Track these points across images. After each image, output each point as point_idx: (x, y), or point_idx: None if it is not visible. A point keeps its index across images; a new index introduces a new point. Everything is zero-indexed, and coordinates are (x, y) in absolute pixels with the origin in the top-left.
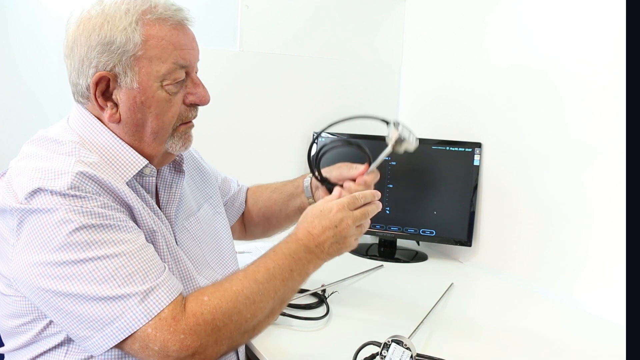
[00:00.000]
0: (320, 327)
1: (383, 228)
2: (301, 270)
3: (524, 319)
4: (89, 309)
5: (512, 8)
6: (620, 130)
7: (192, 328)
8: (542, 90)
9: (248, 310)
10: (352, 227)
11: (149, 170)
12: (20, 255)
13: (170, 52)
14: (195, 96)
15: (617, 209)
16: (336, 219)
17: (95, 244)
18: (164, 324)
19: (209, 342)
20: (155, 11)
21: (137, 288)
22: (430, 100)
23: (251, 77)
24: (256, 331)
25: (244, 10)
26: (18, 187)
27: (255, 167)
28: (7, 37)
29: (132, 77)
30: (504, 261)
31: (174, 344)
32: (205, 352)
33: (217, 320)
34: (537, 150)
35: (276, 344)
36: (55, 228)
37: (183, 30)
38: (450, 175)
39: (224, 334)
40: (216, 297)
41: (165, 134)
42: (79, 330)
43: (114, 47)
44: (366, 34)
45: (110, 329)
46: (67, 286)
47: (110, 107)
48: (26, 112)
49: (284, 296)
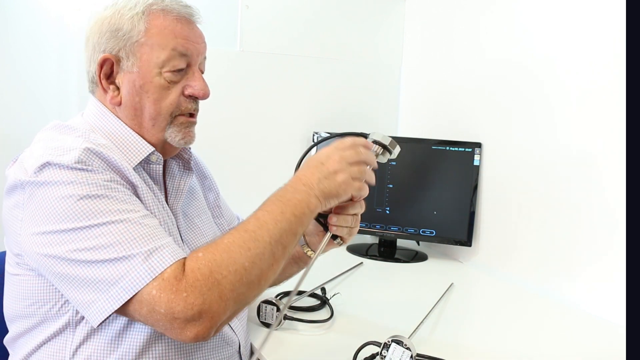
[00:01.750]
0: (321, 327)
1: (383, 228)
2: (294, 210)
3: (524, 319)
4: (94, 272)
5: (511, 8)
6: (621, 129)
7: (192, 284)
8: (542, 90)
9: (245, 259)
10: (342, 162)
11: (155, 158)
12: (26, 226)
13: (170, 40)
14: (194, 88)
15: (617, 208)
16: (321, 155)
17: (99, 213)
18: (166, 284)
19: (212, 297)
20: (161, 4)
21: (141, 249)
22: (430, 100)
23: (251, 77)
24: (263, 282)
25: (244, 10)
26: (28, 163)
27: (255, 167)
28: (7, 37)
29: (134, 62)
30: (503, 261)
31: (178, 303)
32: (212, 310)
33: (215, 272)
34: (537, 150)
35: (277, 344)
36: (61, 199)
37: (188, 24)
38: (450, 175)
39: (225, 287)
40: (209, 251)
41: (164, 121)
42: (84, 295)
43: (120, 34)
44: (366, 34)
45: (115, 290)
46: (70, 252)
47: (112, 89)
48: (26, 112)
49: (282, 239)
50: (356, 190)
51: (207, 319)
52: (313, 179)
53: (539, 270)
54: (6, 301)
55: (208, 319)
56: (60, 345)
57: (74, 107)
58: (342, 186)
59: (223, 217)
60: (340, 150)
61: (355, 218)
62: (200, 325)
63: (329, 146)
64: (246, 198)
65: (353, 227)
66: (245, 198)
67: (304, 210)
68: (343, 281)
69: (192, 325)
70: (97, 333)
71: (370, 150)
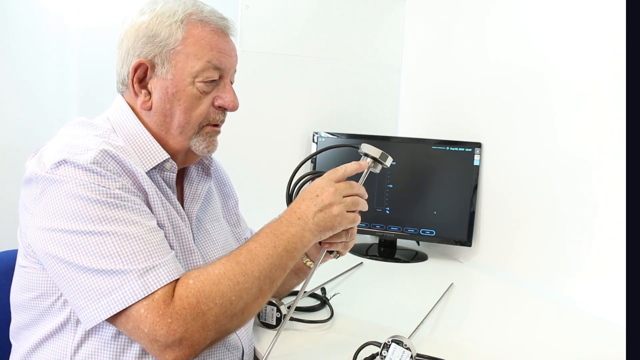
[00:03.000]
0: (321, 327)
1: (383, 228)
2: (286, 245)
3: (524, 319)
4: (89, 280)
5: (511, 8)
6: (621, 129)
7: (178, 312)
8: (542, 90)
9: (232, 292)
10: (336, 194)
11: (169, 165)
12: (35, 220)
13: (206, 52)
14: (224, 100)
15: (617, 208)
16: (315, 187)
17: (106, 220)
18: (155, 305)
19: (194, 327)
20: (200, 14)
21: (138, 265)
22: (430, 100)
23: (251, 77)
24: (246, 314)
25: (244, 10)
26: (47, 158)
27: (255, 167)
28: (7, 37)
29: (168, 69)
30: (504, 261)
31: (162, 327)
32: (192, 338)
33: (202, 304)
34: (537, 150)
35: (277, 344)
36: (72, 198)
37: (224, 36)
38: (450, 175)
39: (209, 318)
40: (200, 280)
41: (191, 130)
42: (77, 300)
43: (157, 40)
44: (366, 34)
45: (106, 301)
46: (71, 255)
47: (144, 94)
48: (26, 112)
49: (271, 274)
50: (351, 222)
51: (186, 346)
52: (308, 212)
53: (538, 270)
54: (13, 291)
55: (188, 346)
56: (62, 342)
57: (74, 107)
58: (337, 219)
59: (240, 226)
60: (334, 182)
61: (350, 232)
62: (180, 352)
63: (322, 178)
64: (246, 198)
65: (348, 241)
66: (245, 198)
67: (297, 245)
68: (343, 281)
69: (172, 350)
70: (98, 331)
71: (363, 165)
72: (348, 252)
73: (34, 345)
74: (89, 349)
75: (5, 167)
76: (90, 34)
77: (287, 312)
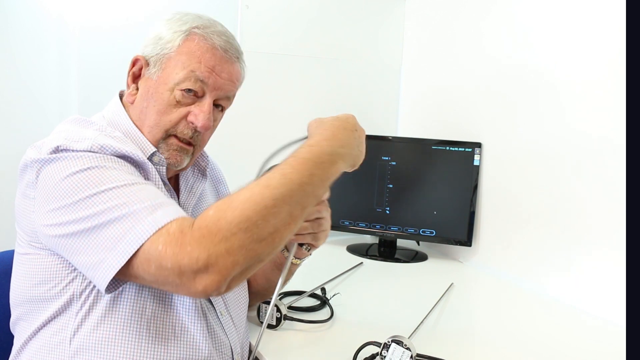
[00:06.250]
0: (321, 327)
1: (383, 228)
2: (322, 175)
3: (524, 319)
4: (102, 234)
5: (511, 8)
6: (620, 129)
7: (197, 239)
8: (542, 90)
9: (258, 215)
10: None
11: (157, 159)
12: (39, 204)
13: (193, 63)
14: (195, 116)
15: (617, 208)
16: (347, 123)
17: (104, 180)
18: (172, 238)
19: (218, 252)
20: (204, 30)
21: (146, 204)
22: (430, 100)
23: (251, 77)
24: (277, 240)
25: (244, 10)
26: (44, 145)
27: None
28: (7, 37)
29: (156, 71)
30: (504, 261)
31: (183, 257)
32: (218, 264)
33: (223, 230)
34: (537, 150)
35: (277, 344)
36: (69, 174)
37: (219, 57)
38: (450, 175)
39: (234, 243)
40: (221, 209)
41: (159, 134)
42: (92, 257)
43: (160, 42)
44: (366, 34)
45: (122, 245)
46: (81, 223)
47: (132, 88)
48: (26, 112)
49: (302, 201)
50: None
51: (214, 272)
52: (353, 144)
53: (538, 270)
54: (13, 284)
55: (215, 272)
56: (60, 326)
57: (74, 107)
58: (361, 157)
59: None
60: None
61: (316, 223)
62: (209, 279)
63: (340, 118)
64: None
65: (317, 232)
66: None
67: (332, 177)
68: (343, 281)
69: (200, 279)
70: (99, 316)
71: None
72: (348, 253)
73: (33, 332)
74: (87, 334)
75: (4, 167)
76: (90, 34)
77: (273, 301)
